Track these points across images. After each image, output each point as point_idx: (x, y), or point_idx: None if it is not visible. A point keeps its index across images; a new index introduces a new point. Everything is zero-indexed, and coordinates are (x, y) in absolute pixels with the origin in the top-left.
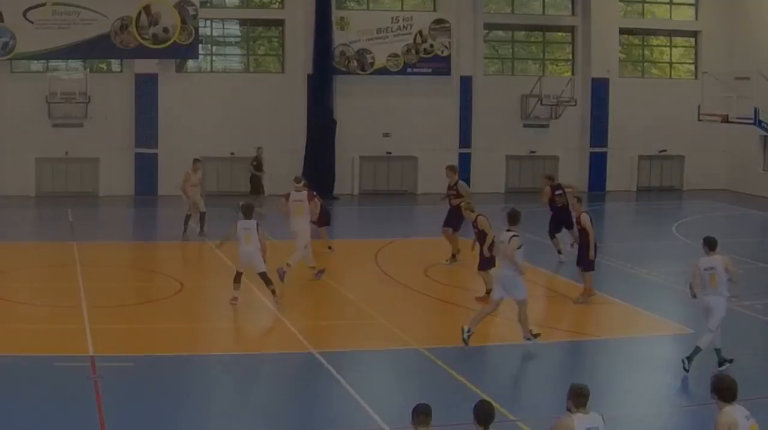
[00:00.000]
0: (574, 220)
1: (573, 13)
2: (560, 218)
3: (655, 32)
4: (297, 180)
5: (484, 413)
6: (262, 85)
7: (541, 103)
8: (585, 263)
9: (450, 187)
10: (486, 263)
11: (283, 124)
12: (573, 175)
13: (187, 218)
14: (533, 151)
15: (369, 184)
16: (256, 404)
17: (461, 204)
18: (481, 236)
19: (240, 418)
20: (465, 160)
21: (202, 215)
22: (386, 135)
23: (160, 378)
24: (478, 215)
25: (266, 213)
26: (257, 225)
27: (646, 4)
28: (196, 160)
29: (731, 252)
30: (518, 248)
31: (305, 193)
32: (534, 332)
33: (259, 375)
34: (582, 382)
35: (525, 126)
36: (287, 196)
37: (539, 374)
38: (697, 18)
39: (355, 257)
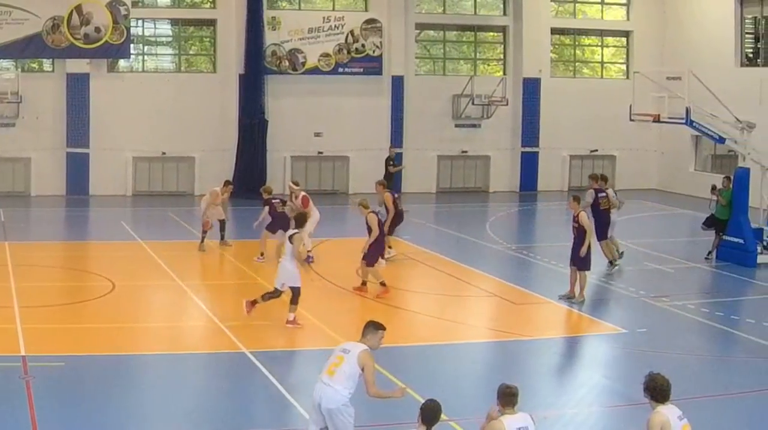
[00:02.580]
0: (571, 217)
1: (504, 13)
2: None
3: (586, 32)
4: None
5: (432, 414)
6: (194, 84)
7: (473, 103)
8: (579, 261)
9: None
10: (371, 258)
11: (214, 124)
12: (505, 175)
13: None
14: (465, 151)
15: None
16: (188, 404)
17: (358, 201)
18: (369, 232)
19: (172, 418)
20: (396, 159)
21: (223, 223)
22: (318, 135)
23: (91, 378)
24: (369, 212)
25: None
26: (292, 236)
27: (577, 4)
28: (228, 182)
29: (662, 251)
30: None
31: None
32: None
33: (191, 375)
34: (515, 382)
35: (456, 126)
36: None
37: (472, 374)
38: (628, 18)
39: None
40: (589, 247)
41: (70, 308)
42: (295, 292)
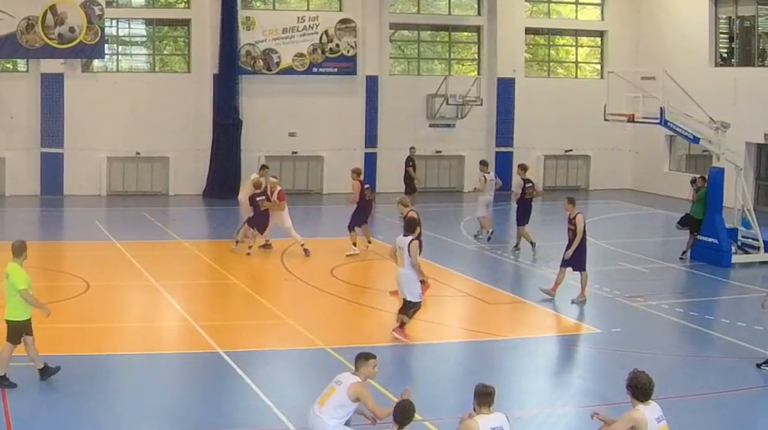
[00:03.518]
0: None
1: (479, 13)
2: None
3: (560, 32)
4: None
5: (404, 413)
6: (168, 84)
7: (447, 103)
8: (577, 263)
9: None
10: None
11: (189, 124)
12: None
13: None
14: (439, 151)
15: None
16: (162, 404)
17: (398, 200)
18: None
19: (146, 418)
20: (370, 159)
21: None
22: (292, 135)
23: (66, 378)
24: (410, 211)
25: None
26: (409, 243)
27: (551, 4)
28: (264, 166)
29: (636, 251)
30: None
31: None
32: None
33: (165, 375)
34: (489, 382)
35: (431, 126)
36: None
37: (446, 374)
38: (602, 18)
39: (261, 256)
40: (580, 247)
41: None
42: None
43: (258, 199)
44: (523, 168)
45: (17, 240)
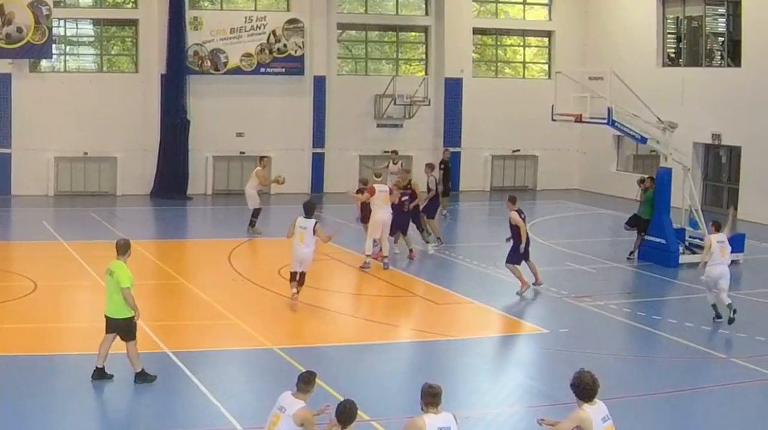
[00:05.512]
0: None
1: (426, 13)
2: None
3: (508, 32)
4: (377, 175)
5: (345, 412)
6: (116, 85)
7: (395, 103)
8: (511, 257)
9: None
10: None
11: (136, 124)
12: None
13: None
14: (387, 152)
15: (222, 183)
16: (109, 404)
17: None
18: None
19: (94, 418)
20: (318, 160)
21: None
22: (240, 135)
23: (13, 378)
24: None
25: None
26: (315, 224)
27: (499, 4)
28: (262, 158)
29: (583, 251)
30: None
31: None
32: None
33: (114, 375)
34: (436, 382)
35: (379, 126)
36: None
37: (394, 374)
38: (550, 18)
39: (209, 256)
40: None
41: None
42: None
43: (403, 199)
44: (430, 167)
45: (121, 238)
